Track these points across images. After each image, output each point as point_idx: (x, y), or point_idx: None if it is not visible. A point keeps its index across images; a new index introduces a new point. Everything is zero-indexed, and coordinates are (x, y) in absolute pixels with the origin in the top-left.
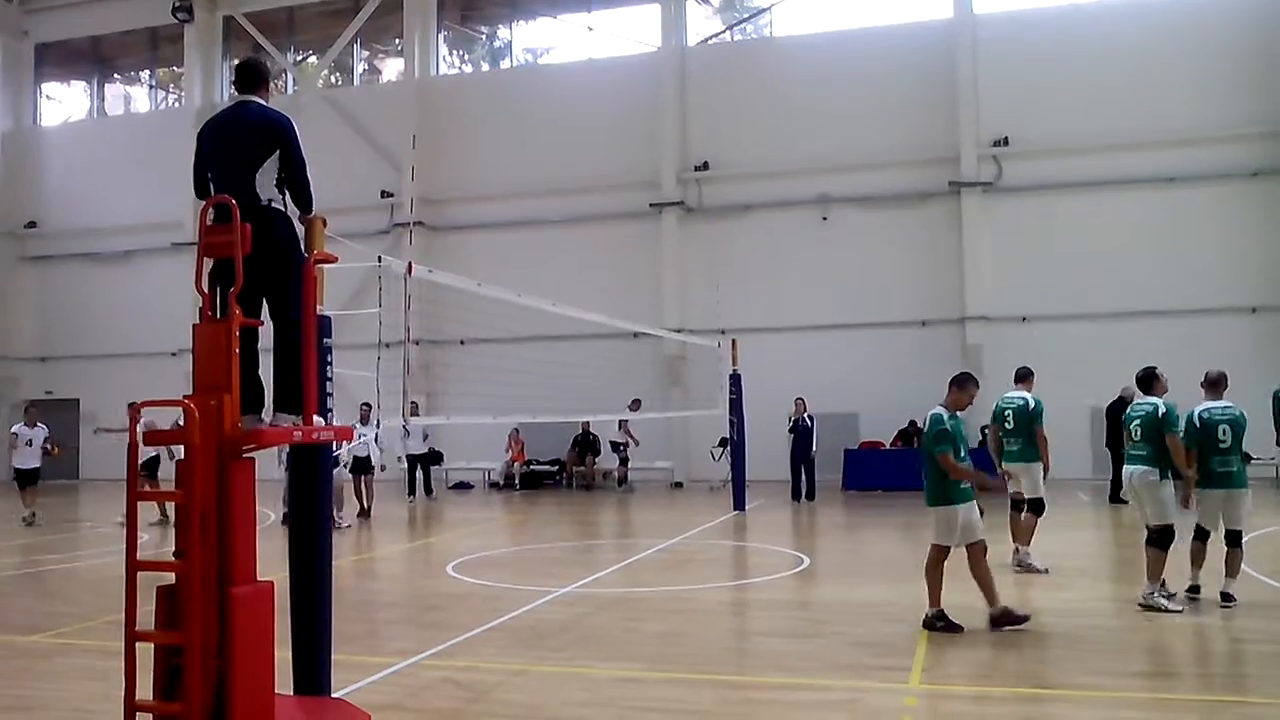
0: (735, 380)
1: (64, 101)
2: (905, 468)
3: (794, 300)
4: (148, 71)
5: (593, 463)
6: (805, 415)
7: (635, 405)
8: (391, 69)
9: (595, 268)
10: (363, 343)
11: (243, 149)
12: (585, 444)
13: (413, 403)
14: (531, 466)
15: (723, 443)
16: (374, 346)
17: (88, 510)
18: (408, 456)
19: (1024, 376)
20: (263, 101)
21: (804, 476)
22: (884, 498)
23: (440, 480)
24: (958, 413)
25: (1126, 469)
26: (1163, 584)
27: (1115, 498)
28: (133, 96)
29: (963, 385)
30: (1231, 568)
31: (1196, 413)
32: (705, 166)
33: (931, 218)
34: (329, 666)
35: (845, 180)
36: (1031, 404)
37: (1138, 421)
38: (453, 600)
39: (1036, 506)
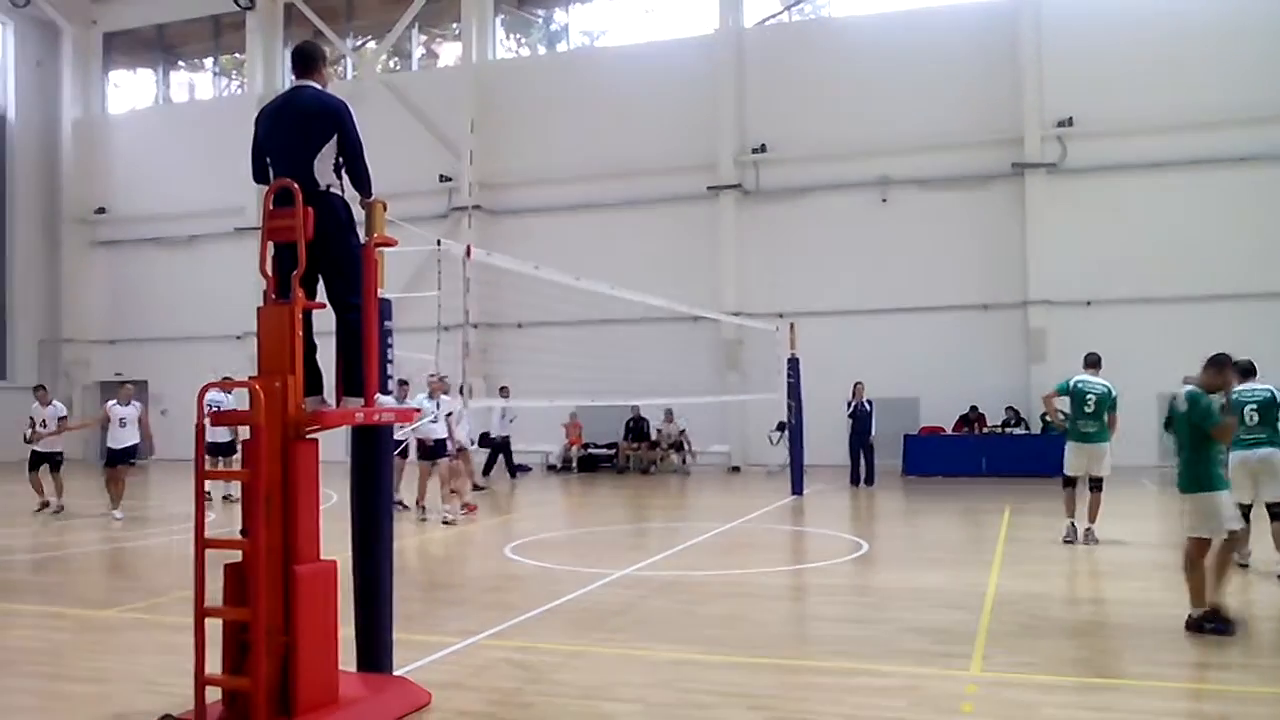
0: (793, 364)
1: (131, 89)
2: (966, 453)
3: (853, 283)
4: (211, 59)
5: (649, 447)
6: (864, 400)
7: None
8: (449, 53)
9: (652, 251)
10: (421, 326)
11: (300, 134)
12: (637, 429)
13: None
14: (588, 450)
15: (781, 427)
16: (432, 330)
17: (156, 490)
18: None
19: (1096, 363)
20: (319, 86)
21: (863, 461)
22: (944, 483)
23: (498, 464)
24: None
25: (1240, 453)
26: None
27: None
28: (196, 84)
29: (1220, 367)
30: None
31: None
32: (763, 149)
33: (994, 200)
34: (390, 645)
35: (905, 162)
36: (1112, 391)
37: (1254, 405)
38: (512, 581)
39: (1099, 485)
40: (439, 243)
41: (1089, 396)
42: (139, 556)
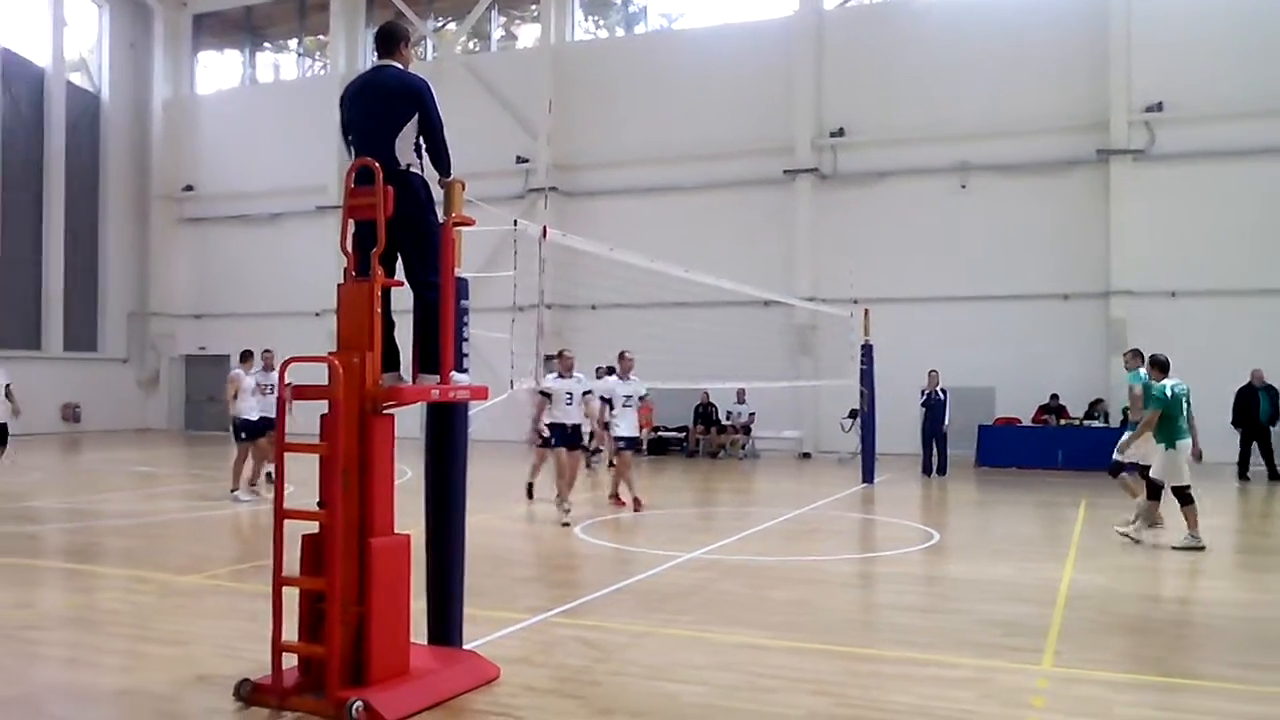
0: (867, 351)
1: (218, 70)
2: (1042, 445)
3: (930, 270)
4: (295, 40)
5: (718, 431)
6: (938, 388)
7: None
8: (528, 35)
9: (727, 235)
10: (495, 306)
11: (381, 113)
12: (706, 414)
13: (609, 368)
14: (659, 433)
15: (853, 414)
16: (507, 310)
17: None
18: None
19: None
20: (400, 66)
21: (935, 451)
22: (1019, 475)
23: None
24: None
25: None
26: None
27: (1244, 475)
28: (281, 64)
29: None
30: None
31: None
32: (841, 133)
33: (1077, 186)
34: (461, 619)
35: (986, 147)
36: None
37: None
38: (581, 561)
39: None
40: (515, 223)
41: (1185, 401)
42: (221, 525)
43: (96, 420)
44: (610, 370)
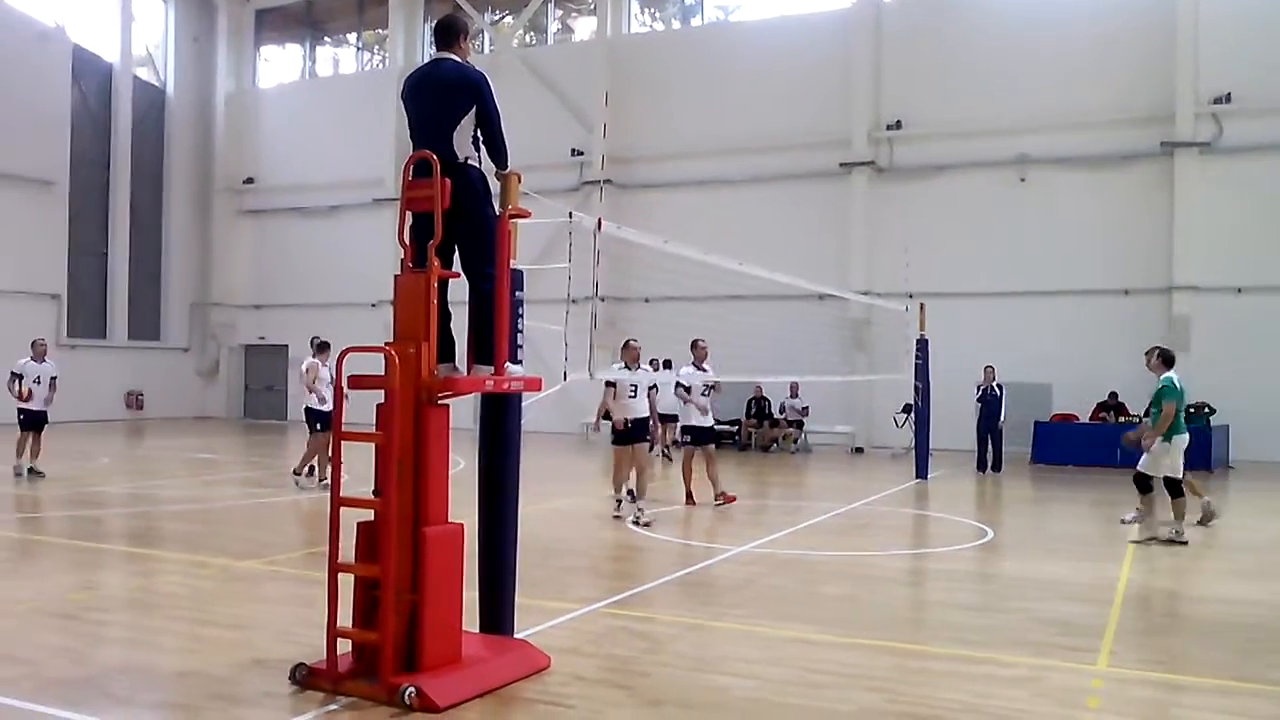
0: (922, 346)
1: (279, 64)
2: (1100, 443)
3: (987, 265)
4: (355, 34)
5: (770, 425)
6: (994, 384)
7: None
8: (584, 28)
9: (781, 228)
10: (549, 298)
11: (439, 106)
12: (759, 407)
13: (666, 360)
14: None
15: (907, 409)
16: (560, 302)
17: (293, 450)
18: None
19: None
20: (459, 58)
21: (990, 447)
22: (1075, 473)
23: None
24: None
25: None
26: None
27: None
28: (340, 58)
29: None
30: None
31: None
32: (898, 125)
33: (1139, 180)
34: (513, 608)
35: (1046, 140)
36: None
37: None
38: (632, 553)
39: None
40: (570, 215)
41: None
42: (277, 512)
43: (158, 408)
44: (667, 364)
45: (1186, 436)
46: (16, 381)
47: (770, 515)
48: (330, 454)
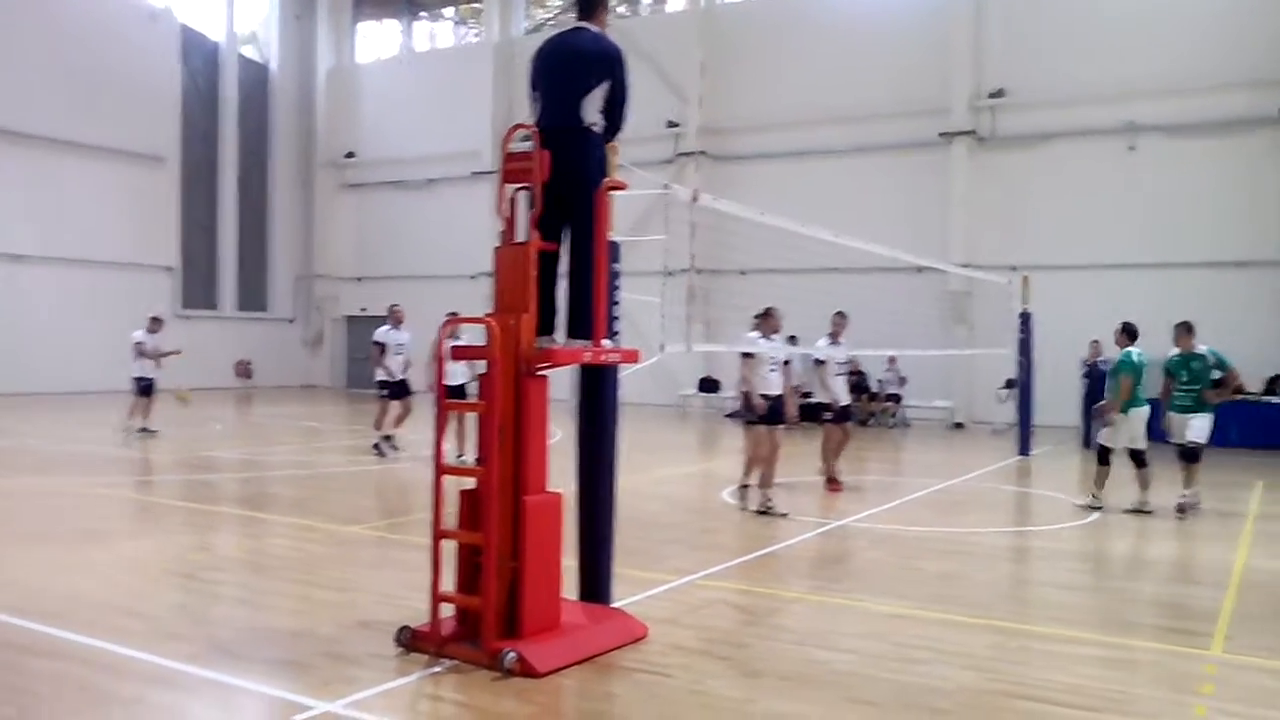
0: (1025, 319)
1: (377, 40)
2: (1216, 420)
3: (1093, 236)
4: (451, 8)
5: (868, 399)
6: (1101, 359)
7: None
8: None
9: (879, 199)
10: (643, 270)
11: (574, 74)
12: (856, 381)
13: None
14: (808, 399)
15: (1009, 384)
16: (655, 274)
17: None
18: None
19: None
20: (597, 29)
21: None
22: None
23: (718, 409)
24: None
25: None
26: None
27: None
28: (436, 33)
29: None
30: None
31: None
32: (1000, 93)
33: (1256, 147)
34: (610, 578)
35: (1156, 106)
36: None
37: None
38: (728, 525)
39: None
40: (666, 186)
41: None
42: (382, 479)
43: (266, 376)
44: (791, 339)
45: (1146, 409)
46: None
47: (868, 490)
48: (392, 421)
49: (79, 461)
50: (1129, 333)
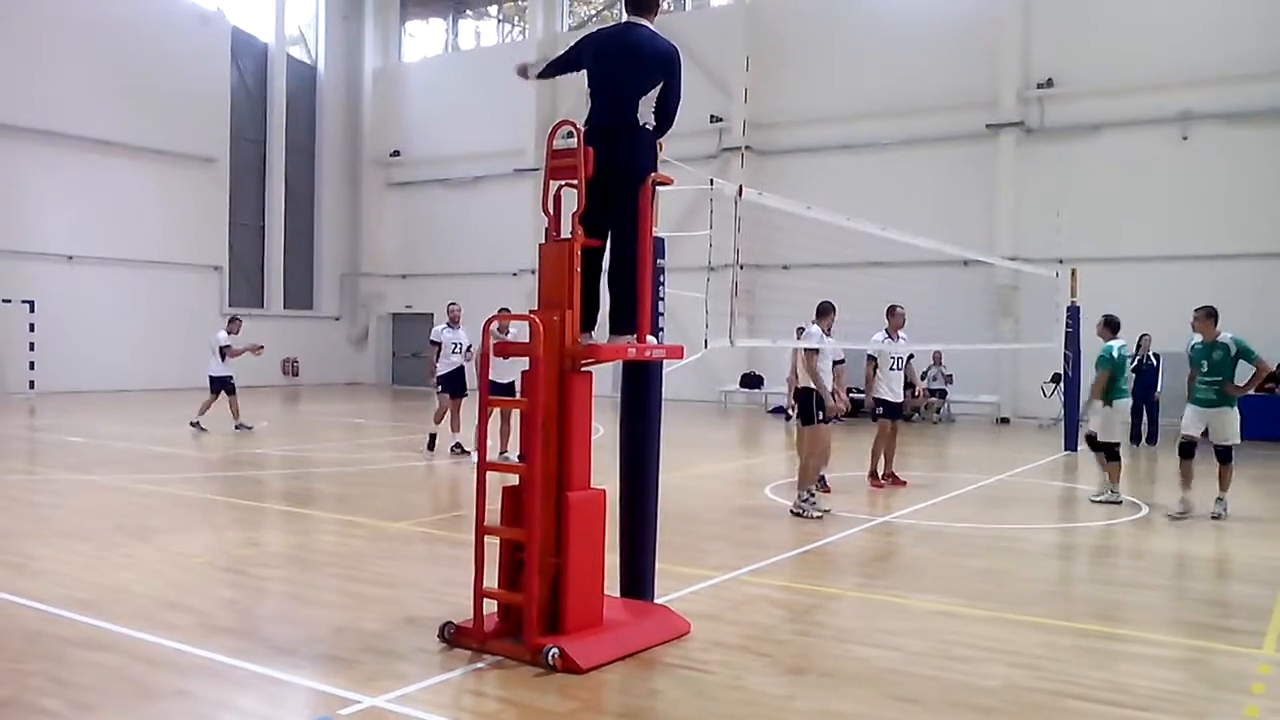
0: (1073, 313)
1: (424, 38)
2: (1267, 416)
3: (1144, 228)
4: (495, 6)
5: (913, 394)
6: (1150, 353)
7: None
8: None
9: (925, 192)
10: (687, 265)
11: (631, 72)
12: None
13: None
14: (852, 394)
15: (1056, 379)
16: (698, 270)
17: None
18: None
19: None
20: (652, 26)
21: (1146, 419)
22: (1239, 447)
23: (760, 404)
24: None
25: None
26: None
27: None
28: (481, 31)
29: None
30: None
31: None
32: (1049, 84)
33: None
34: (653, 574)
35: (1210, 95)
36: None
37: None
38: (770, 521)
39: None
40: (711, 182)
41: (1126, 362)
42: (426, 475)
43: (312, 374)
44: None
45: (1129, 401)
46: (221, 351)
47: (912, 485)
48: (448, 419)
49: (128, 458)
50: (1110, 325)
